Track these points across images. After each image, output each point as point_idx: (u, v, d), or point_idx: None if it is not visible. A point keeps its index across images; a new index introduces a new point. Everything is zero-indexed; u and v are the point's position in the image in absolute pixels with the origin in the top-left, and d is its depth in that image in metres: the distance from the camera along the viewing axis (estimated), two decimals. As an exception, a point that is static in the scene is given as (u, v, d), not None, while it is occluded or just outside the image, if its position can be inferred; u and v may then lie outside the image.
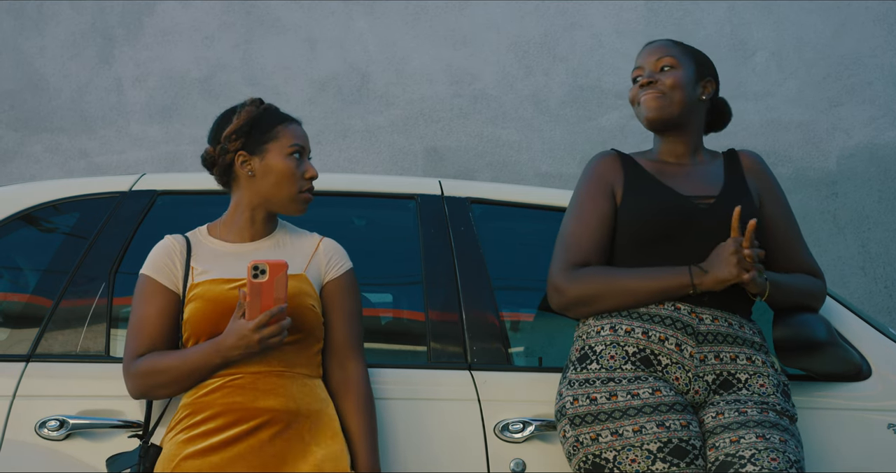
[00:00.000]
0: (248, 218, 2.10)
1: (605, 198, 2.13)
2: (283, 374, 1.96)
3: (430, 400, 2.16)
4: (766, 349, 2.07)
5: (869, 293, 5.00)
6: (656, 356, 1.99)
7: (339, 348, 2.06)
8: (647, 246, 2.07)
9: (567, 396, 2.00)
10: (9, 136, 5.25)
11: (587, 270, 2.07)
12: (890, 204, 5.10)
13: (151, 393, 1.99)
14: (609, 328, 2.03)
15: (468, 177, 5.08)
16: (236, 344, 1.87)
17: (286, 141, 2.08)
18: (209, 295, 1.98)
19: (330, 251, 2.13)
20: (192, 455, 1.87)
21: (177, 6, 5.39)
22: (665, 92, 2.13)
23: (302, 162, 2.09)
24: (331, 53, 5.33)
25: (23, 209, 2.39)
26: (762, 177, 2.19)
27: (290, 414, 1.92)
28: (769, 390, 2.00)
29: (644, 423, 1.92)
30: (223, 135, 2.08)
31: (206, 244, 2.10)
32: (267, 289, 1.84)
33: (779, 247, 2.16)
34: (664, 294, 2.01)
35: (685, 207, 2.07)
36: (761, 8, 5.32)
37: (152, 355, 1.97)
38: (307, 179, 2.09)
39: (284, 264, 1.85)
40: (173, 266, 2.05)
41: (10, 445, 2.04)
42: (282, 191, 2.07)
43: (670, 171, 2.16)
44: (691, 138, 2.18)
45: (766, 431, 1.91)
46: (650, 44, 2.22)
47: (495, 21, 5.34)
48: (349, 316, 2.09)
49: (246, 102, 2.12)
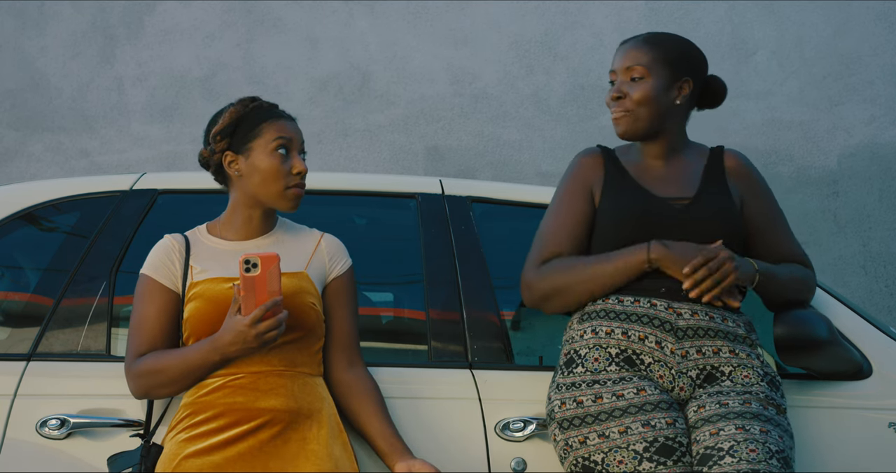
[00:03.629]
0: (246, 216, 2.09)
1: (583, 198, 2.14)
2: (283, 374, 1.95)
3: (430, 399, 2.16)
4: (752, 341, 2.05)
5: (870, 292, 5.00)
6: (638, 355, 1.99)
7: (344, 347, 2.06)
8: (623, 246, 2.07)
9: (555, 400, 2.01)
10: (10, 136, 5.25)
11: (552, 263, 2.09)
12: (891, 203, 5.09)
13: (153, 393, 1.99)
14: (591, 331, 2.03)
15: (469, 177, 5.08)
16: (233, 340, 1.86)
17: (269, 137, 2.04)
18: (209, 295, 1.97)
19: (332, 248, 2.13)
20: (193, 455, 1.87)
21: (178, 5, 5.39)
22: (631, 109, 2.11)
23: (288, 157, 2.05)
24: (332, 53, 5.33)
25: (23, 208, 2.39)
26: (745, 178, 2.18)
27: (291, 414, 1.92)
28: (753, 380, 1.99)
29: (629, 424, 1.92)
30: (210, 136, 2.08)
31: (206, 243, 2.09)
32: (260, 283, 1.82)
33: (766, 242, 2.16)
34: (623, 272, 2.02)
35: (659, 209, 2.07)
36: (762, 7, 5.32)
37: (152, 355, 1.97)
38: (294, 174, 2.04)
39: (276, 256, 1.83)
40: (172, 265, 2.04)
41: (10, 444, 2.04)
42: (269, 189, 2.04)
43: (650, 172, 2.16)
44: (669, 140, 2.17)
45: (746, 422, 1.90)
46: (624, 43, 2.18)
47: (496, 20, 5.34)
48: (352, 314, 2.10)
49: (234, 102, 2.10)
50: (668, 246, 2.01)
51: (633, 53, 2.13)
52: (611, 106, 2.15)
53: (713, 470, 1.84)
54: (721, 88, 2.23)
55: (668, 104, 2.13)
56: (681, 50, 2.17)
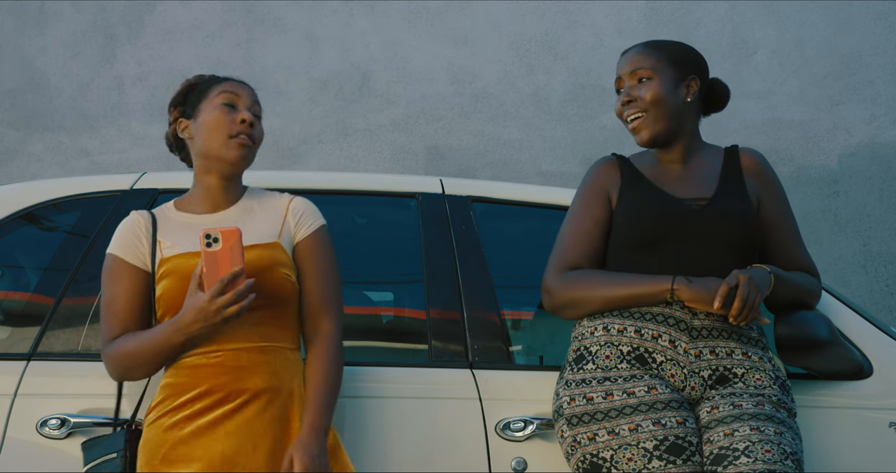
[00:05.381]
0: (206, 186, 2.07)
1: (601, 203, 2.15)
2: (265, 349, 1.92)
3: (431, 399, 2.15)
4: (764, 345, 2.06)
5: (870, 291, 5.00)
6: (650, 353, 2.00)
7: (312, 308, 2.00)
8: (641, 247, 2.08)
9: (564, 396, 2.01)
10: (10, 135, 5.25)
11: (575, 274, 2.09)
12: (891, 202, 5.09)
13: (128, 375, 1.95)
14: (602, 328, 2.04)
15: (469, 176, 5.08)
16: (195, 318, 1.81)
17: (214, 94, 2.06)
18: (181, 271, 1.93)
19: (299, 210, 2.07)
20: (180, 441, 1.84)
21: (178, 5, 5.39)
22: (647, 109, 2.12)
23: (235, 111, 2.04)
24: (332, 52, 5.33)
25: (24, 208, 2.39)
26: (761, 177, 2.19)
27: (273, 392, 1.89)
28: (766, 383, 2.00)
29: (640, 422, 1.92)
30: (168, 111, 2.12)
31: (173, 217, 2.06)
32: (223, 257, 1.79)
33: (776, 246, 2.16)
34: (644, 300, 2.02)
35: (677, 209, 2.08)
36: (762, 6, 5.32)
37: (124, 337, 1.93)
38: (239, 123, 2.02)
39: (237, 230, 1.80)
40: (139, 242, 2.01)
41: (11, 444, 2.04)
42: (213, 141, 2.02)
43: (667, 175, 2.17)
44: (685, 142, 2.18)
45: (760, 423, 1.91)
46: (626, 52, 2.20)
47: (496, 20, 5.34)
48: (322, 275, 2.02)
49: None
50: (691, 285, 1.98)
51: (637, 57, 2.16)
52: (623, 113, 2.15)
53: (728, 470, 1.85)
54: (724, 91, 2.25)
55: (679, 102, 2.14)
56: (682, 50, 2.19)
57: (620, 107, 2.16)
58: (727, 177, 2.15)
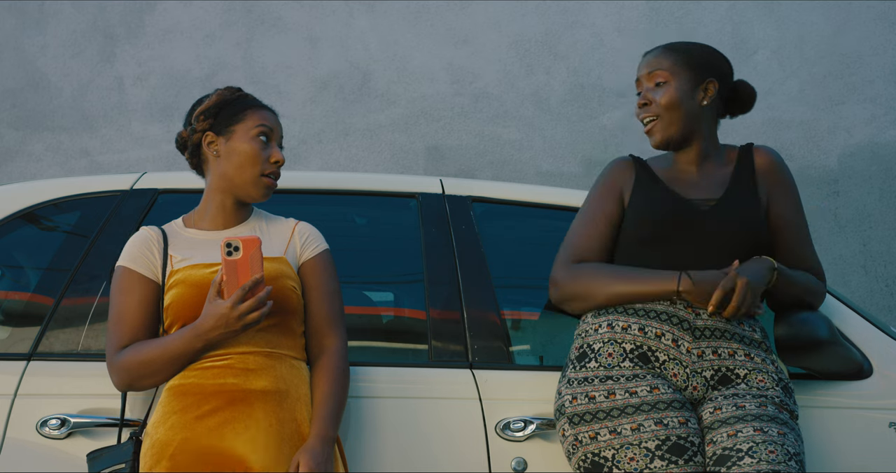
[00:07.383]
0: (219, 203, 2.10)
1: (614, 201, 2.18)
2: (270, 355, 1.95)
3: (431, 399, 2.16)
4: (767, 346, 2.07)
5: (870, 291, 4.99)
6: (653, 352, 2.00)
7: (317, 325, 2.05)
8: (647, 246, 2.10)
9: (566, 395, 2.01)
10: (10, 135, 5.25)
11: (583, 266, 2.11)
12: (891, 202, 5.09)
13: (136, 385, 1.96)
14: (606, 325, 2.04)
15: (469, 176, 5.08)
16: (215, 325, 1.85)
17: (252, 122, 2.08)
18: (191, 280, 1.97)
19: (305, 233, 2.13)
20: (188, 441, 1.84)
21: (178, 5, 5.39)
22: (660, 114, 2.14)
23: (268, 146, 2.09)
24: (332, 52, 5.33)
25: (24, 208, 2.39)
26: (774, 176, 2.19)
27: (280, 394, 1.91)
28: (768, 384, 2.00)
29: (642, 421, 1.92)
30: (193, 116, 2.11)
31: (183, 234, 2.10)
32: (242, 266, 1.83)
33: (784, 245, 2.17)
34: (650, 296, 2.03)
35: (685, 210, 2.09)
36: (762, 6, 5.32)
37: (134, 347, 1.95)
38: (272, 163, 2.07)
39: (257, 239, 1.85)
40: (151, 255, 2.04)
41: (11, 444, 2.04)
42: (244, 174, 2.06)
43: (681, 176, 2.18)
44: (701, 145, 2.19)
45: (763, 424, 1.91)
46: (646, 54, 2.22)
47: (496, 20, 5.34)
48: (326, 293, 2.07)
49: (221, 88, 2.14)
50: (693, 281, 2.00)
51: (655, 60, 2.18)
52: (640, 115, 2.18)
53: (732, 471, 1.85)
54: (749, 92, 2.26)
55: (694, 106, 2.15)
56: (701, 53, 2.21)
57: (637, 108, 2.19)
58: (738, 179, 2.16)
